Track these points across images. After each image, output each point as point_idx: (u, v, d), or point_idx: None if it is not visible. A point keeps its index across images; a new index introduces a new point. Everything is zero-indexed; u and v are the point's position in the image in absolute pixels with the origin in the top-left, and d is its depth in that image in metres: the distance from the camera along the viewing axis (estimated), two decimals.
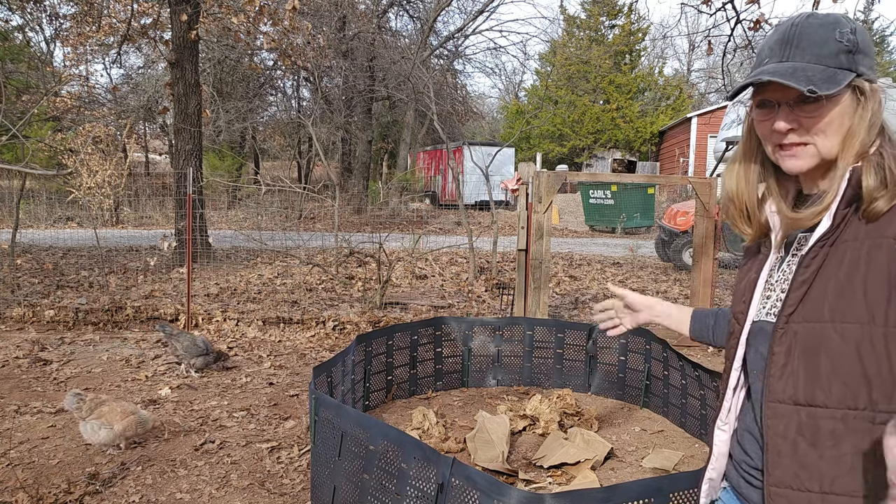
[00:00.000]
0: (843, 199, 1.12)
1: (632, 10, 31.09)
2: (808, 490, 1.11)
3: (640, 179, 17.06)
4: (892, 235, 1.05)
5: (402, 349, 4.86)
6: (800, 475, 1.12)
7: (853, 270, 1.08)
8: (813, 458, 1.11)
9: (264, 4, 9.80)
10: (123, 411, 3.76)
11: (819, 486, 1.10)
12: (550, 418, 4.21)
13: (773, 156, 1.21)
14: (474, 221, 17.32)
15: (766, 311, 1.23)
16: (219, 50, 18.46)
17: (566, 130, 31.28)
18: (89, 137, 15.16)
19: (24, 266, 9.55)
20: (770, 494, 1.16)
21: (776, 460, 1.15)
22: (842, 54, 1.11)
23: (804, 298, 1.13)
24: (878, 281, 1.05)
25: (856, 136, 1.12)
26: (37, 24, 17.06)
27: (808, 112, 1.13)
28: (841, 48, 1.11)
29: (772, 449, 1.16)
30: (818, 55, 1.12)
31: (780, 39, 1.16)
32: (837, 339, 1.08)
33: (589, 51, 29.73)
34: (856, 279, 1.07)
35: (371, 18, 20.48)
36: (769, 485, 1.16)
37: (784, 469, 1.14)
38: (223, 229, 14.54)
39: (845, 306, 1.07)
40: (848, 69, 1.11)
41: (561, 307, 7.97)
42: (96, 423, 3.70)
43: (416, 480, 2.52)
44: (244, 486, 3.49)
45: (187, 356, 5.29)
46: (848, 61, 1.11)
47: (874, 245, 1.07)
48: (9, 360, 5.58)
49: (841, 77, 1.10)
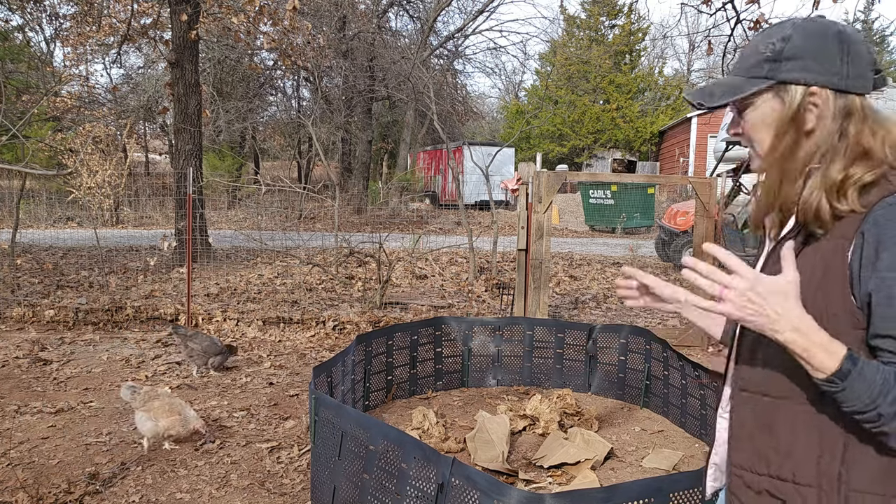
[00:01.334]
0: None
1: (632, 10, 31.09)
2: (759, 473, 1.19)
3: (640, 179, 17.07)
4: (850, 237, 1.08)
5: (402, 349, 4.86)
6: (755, 459, 1.20)
7: (815, 268, 1.12)
8: (765, 444, 1.18)
9: (264, 4, 9.80)
10: (171, 409, 3.83)
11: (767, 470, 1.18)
12: (550, 418, 4.21)
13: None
14: (474, 221, 17.31)
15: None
16: (219, 50, 18.46)
17: (566, 130, 31.28)
18: (89, 137, 15.16)
19: (24, 266, 9.55)
20: (731, 473, 1.25)
21: (737, 445, 1.24)
22: (764, 63, 1.15)
23: None
24: (835, 281, 1.09)
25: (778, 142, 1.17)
26: (37, 23, 17.07)
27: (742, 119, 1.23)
28: (762, 57, 1.16)
29: (735, 434, 1.24)
30: (744, 67, 1.19)
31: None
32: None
33: (589, 51, 29.73)
34: (815, 277, 1.11)
35: (371, 18, 20.48)
36: (731, 465, 1.25)
37: (742, 452, 1.22)
38: (223, 229, 14.53)
39: (811, 300, 1.10)
40: (765, 77, 1.15)
41: (561, 307, 7.97)
42: (144, 415, 3.81)
43: (416, 480, 2.52)
44: (244, 485, 3.49)
45: (205, 356, 5.26)
46: (769, 69, 1.15)
47: (831, 249, 1.11)
48: (9, 360, 5.58)
49: (747, 86, 1.16)
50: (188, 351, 5.27)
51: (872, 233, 1.06)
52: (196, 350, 5.23)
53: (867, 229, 1.06)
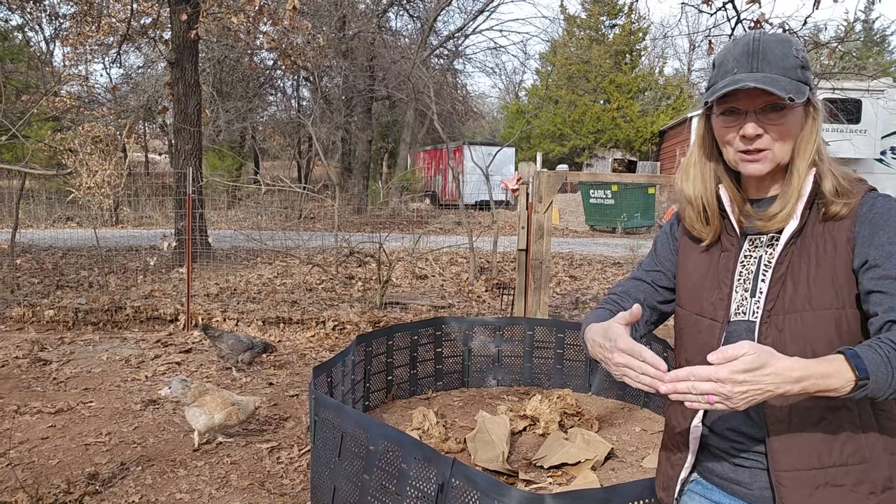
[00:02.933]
0: (807, 201, 1.23)
1: (632, 10, 31.05)
2: (812, 468, 1.19)
3: (640, 179, 17.06)
4: (847, 229, 1.20)
5: (402, 349, 4.85)
6: (803, 456, 1.19)
7: (821, 264, 1.20)
8: (811, 437, 1.19)
9: (264, 4, 9.79)
10: (224, 401, 3.86)
11: (820, 462, 1.19)
12: (551, 418, 4.20)
13: (734, 160, 1.28)
14: (474, 221, 17.29)
15: (733, 308, 1.29)
16: (218, 49, 18.43)
17: (566, 130, 31.25)
18: (89, 137, 15.13)
19: (24, 266, 9.54)
20: (780, 480, 1.21)
21: (780, 447, 1.21)
22: (799, 69, 1.22)
23: (781, 293, 1.23)
24: (844, 271, 1.19)
25: (810, 143, 1.24)
26: (36, 23, 17.03)
27: (772, 120, 1.22)
28: (798, 63, 1.22)
29: (774, 434, 1.22)
30: (784, 68, 1.21)
31: (744, 52, 1.24)
32: (817, 323, 1.19)
33: (589, 50, 29.72)
34: (824, 271, 1.20)
35: (371, 18, 20.47)
36: (776, 470, 1.21)
37: (788, 454, 1.20)
38: (223, 229, 14.52)
39: (820, 295, 1.19)
40: (805, 83, 1.22)
41: (561, 307, 7.97)
42: (198, 411, 3.83)
43: (416, 481, 2.51)
44: (244, 486, 3.48)
45: (234, 354, 5.34)
46: (803, 76, 1.23)
47: (835, 241, 1.20)
48: (8, 360, 5.57)
49: (804, 89, 1.21)
50: (217, 351, 5.40)
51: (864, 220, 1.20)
52: (224, 350, 5.35)
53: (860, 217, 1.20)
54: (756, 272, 1.28)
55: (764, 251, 1.28)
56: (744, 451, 1.27)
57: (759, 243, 1.30)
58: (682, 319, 1.40)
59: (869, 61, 23.21)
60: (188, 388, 3.92)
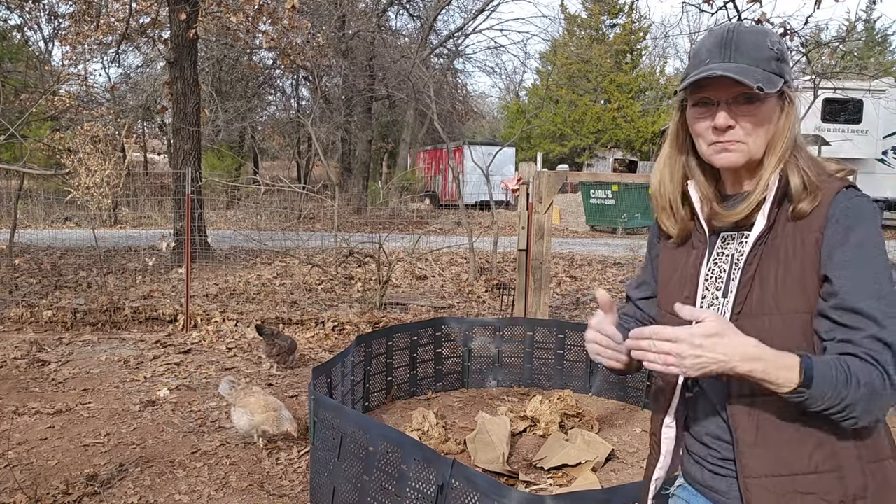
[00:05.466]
0: (774, 199, 1.20)
1: (633, 9, 31.06)
2: (780, 474, 1.17)
3: (641, 179, 16.96)
4: (816, 230, 1.16)
5: (402, 350, 4.84)
6: (771, 462, 1.17)
7: (790, 265, 1.17)
8: (780, 443, 1.17)
9: (263, 3, 9.77)
10: (267, 405, 3.88)
11: (789, 468, 1.16)
12: (551, 419, 4.19)
13: (707, 152, 1.25)
14: (474, 221, 17.27)
15: (704, 307, 1.27)
16: (218, 49, 18.42)
17: (567, 130, 31.26)
18: (88, 137, 15.11)
19: (23, 266, 9.52)
20: (747, 486, 1.19)
21: (748, 452, 1.19)
22: (773, 60, 1.20)
23: (749, 295, 1.20)
24: (811, 274, 1.15)
25: (782, 138, 1.21)
26: (35, 23, 17.01)
27: (744, 111, 1.20)
28: (772, 55, 1.20)
29: (742, 442, 1.20)
30: (756, 59, 1.19)
31: (718, 42, 1.22)
32: (785, 328, 1.16)
33: (590, 50, 29.72)
34: (793, 274, 1.16)
35: (371, 17, 20.46)
36: (744, 477, 1.19)
37: (756, 459, 1.18)
38: (222, 229, 14.50)
39: (788, 298, 1.16)
40: (779, 75, 1.20)
41: (562, 307, 7.95)
42: (241, 411, 3.87)
43: (415, 482, 2.50)
44: (243, 487, 3.47)
45: (287, 354, 5.46)
46: (778, 68, 1.20)
47: (803, 242, 1.17)
48: (7, 360, 5.55)
49: (776, 80, 1.19)
50: (277, 349, 5.45)
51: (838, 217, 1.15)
52: (283, 347, 5.44)
53: (832, 214, 1.16)
54: (728, 271, 1.26)
55: (736, 249, 1.26)
56: (721, 459, 1.25)
57: (731, 241, 1.27)
58: (659, 318, 1.40)
59: (870, 61, 23.17)
60: (235, 389, 4.01)
